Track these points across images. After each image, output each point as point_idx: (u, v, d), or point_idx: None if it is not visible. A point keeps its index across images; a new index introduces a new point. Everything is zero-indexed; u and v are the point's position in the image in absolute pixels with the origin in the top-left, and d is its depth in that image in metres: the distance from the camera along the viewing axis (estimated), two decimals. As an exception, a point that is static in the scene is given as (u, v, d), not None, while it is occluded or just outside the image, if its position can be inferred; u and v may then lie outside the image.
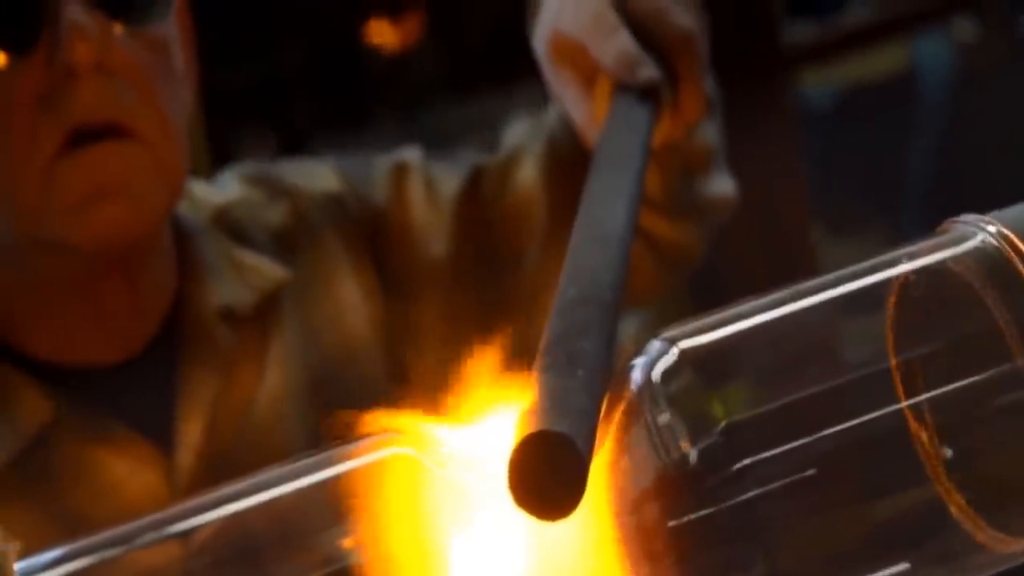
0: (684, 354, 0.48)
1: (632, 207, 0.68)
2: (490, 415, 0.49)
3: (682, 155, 0.99)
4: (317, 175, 1.11)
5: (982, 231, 0.50)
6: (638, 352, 0.49)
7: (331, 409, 0.51)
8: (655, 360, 0.48)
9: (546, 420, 0.44)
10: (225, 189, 1.10)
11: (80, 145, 0.92)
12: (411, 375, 1.04)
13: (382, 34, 3.24)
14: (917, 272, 0.50)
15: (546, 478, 0.44)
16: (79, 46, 0.90)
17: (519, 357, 0.51)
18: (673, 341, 0.48)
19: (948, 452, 0.48)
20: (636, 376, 0.48)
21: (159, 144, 0.94)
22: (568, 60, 0.92)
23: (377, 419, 0.50)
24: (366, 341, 1.06)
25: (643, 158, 0.76)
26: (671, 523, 0.46)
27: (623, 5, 0.90)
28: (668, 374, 0.48)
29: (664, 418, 0.47)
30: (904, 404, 0.47)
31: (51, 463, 0.97)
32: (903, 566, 0.48)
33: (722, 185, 1.03)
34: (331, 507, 0.48)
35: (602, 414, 0.48)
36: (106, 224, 0.93)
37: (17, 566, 0.42)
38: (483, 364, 0.51)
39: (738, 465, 0.46)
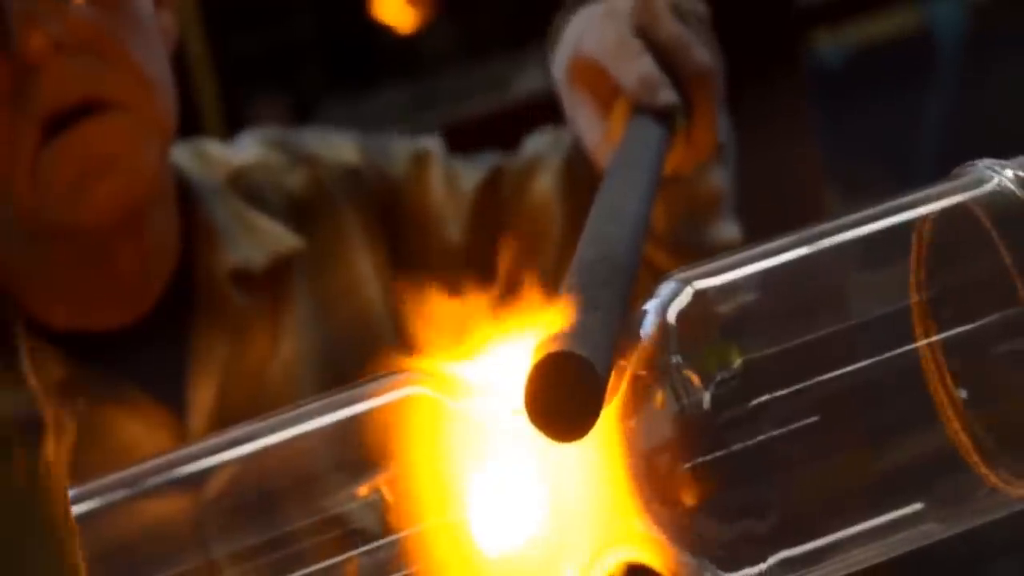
0: (699, 294, 0.48)
1: (646, 201, 0.68)
2: (504, 352, 0.49)
3: (690, 196, 0.99)
4: (338, 146, 1.11)
5: (998, 175, 0.50)
6: (653, 293, 0.49)
7: (344, 379, 0.51)
8: (669, 300, 0.48)
9: (565, 343, 0.45)
10: (244, 151, 1.10)
11: (59, 131, 0.91)
12: (421, 347, 1.04)
13: (393, 2, 3.23)
14: (940, 213, 0.49)
15: (563, 397, 0.44)
16: (32, 36, 0.89)
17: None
18: (687, 281, 0.48)
19: (963, 393, 0.48)
20: (651, 315, 0.48)
21: (139, 102, 0.93)
22: (587, 83, 0.92)
23: (391, 362, 0.50)
24: (379, 313, 1.06)
25: (656, 171, 0.76)
26: (685, 464, 0.46)
27: (645, 34, 0.90)
28: (682, 314, 0.48)
29: (677, 358, 0.47)
30: (921, 343, 0.47)
31: (64, 426, 0.97)
32: (916, 506, 0.48)
33: (728, 230, 1.03)
34: (348, 448, 0.48)
35: (617, 354, 0.47)
36: (103, 199, 0.93)
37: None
38: (494, 321, 0.51)
39: (751, 405, 0.46)
